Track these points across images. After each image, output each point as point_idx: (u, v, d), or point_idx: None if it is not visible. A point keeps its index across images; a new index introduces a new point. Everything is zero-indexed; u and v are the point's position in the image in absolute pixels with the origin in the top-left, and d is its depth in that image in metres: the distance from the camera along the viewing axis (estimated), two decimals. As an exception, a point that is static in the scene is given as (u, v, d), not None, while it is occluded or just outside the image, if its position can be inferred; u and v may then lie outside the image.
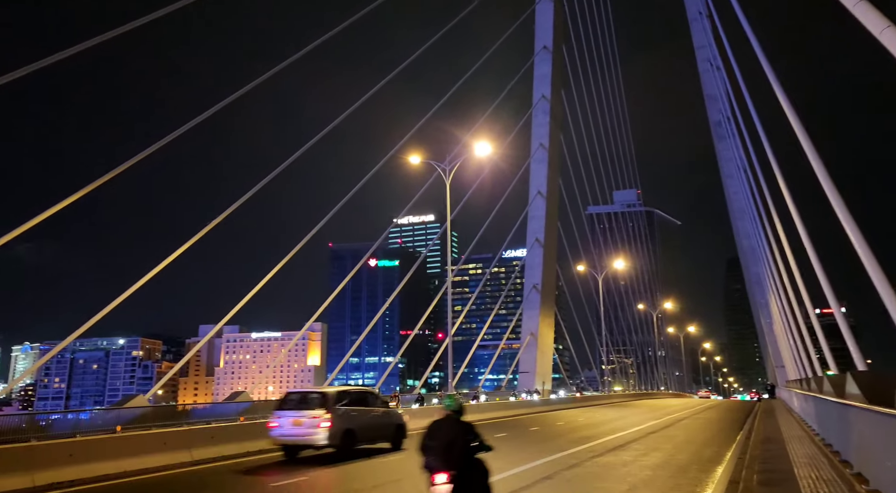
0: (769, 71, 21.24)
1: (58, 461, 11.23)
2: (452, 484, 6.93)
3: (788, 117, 18.62)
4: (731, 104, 53.62)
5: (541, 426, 25.91)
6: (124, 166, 21.91)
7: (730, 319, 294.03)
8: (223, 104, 25.12)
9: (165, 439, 13.89)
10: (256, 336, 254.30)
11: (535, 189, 61.17)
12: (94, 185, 21.66)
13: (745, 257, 68.95)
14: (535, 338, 58.71)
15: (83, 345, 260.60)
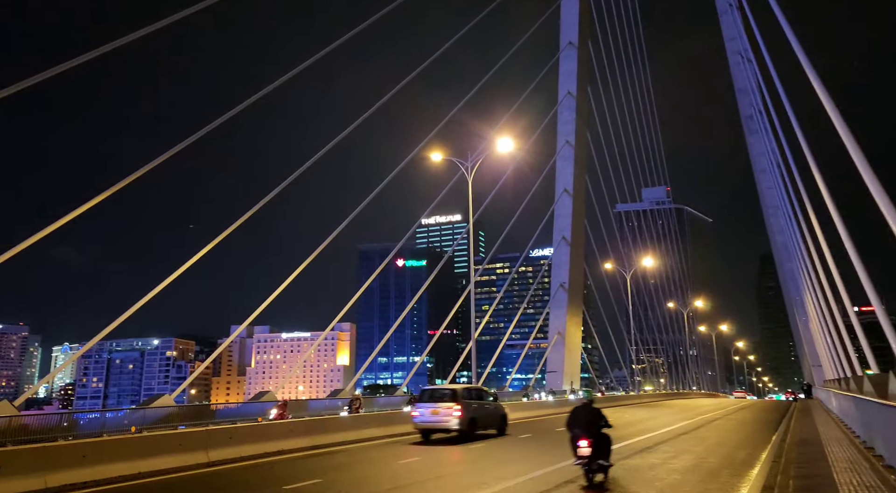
0: (805, 62, 20.24)
1: (71, 463, 11.18)
2: (591, 447, 11.59)
3: (827, 109, 17.75)
4: (764, 97, 52.23)
5: (533, 433, 25.27)
6: (157, 160, 21.98)
7: (763, 317, 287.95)
8: (252, 100, 25.11)
9: (181, 440, 13.75)
10: (286, 336, 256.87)
11: (562, 187, 60.48)
12: (125, 182, 21.85)
13: (778, 253, 67.27)
14: (562, 337, 58.02)
15: (119, 345, 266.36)
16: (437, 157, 26.57)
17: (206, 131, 24.12)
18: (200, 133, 23.96)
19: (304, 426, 17.73)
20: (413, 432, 20.47)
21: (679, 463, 14.22)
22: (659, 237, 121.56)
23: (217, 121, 24.98)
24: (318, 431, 17.60)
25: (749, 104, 64.82)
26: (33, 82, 18.37)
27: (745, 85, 64.31)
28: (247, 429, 16.12)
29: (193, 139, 23.64)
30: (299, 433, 16.85)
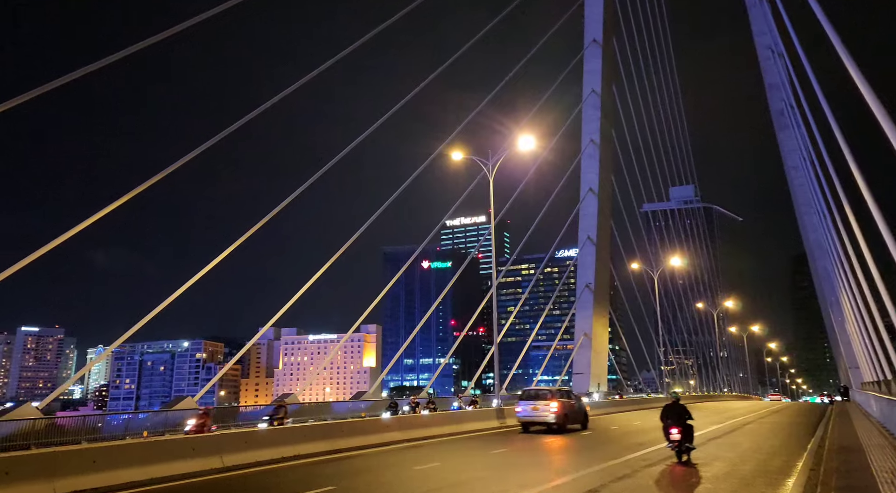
0: (843, 52, 19.30)
1: (81, 468, 10.92)
2: (681, 434, 14.93)
3: (868, 102, 16.81)
4: (796, 92, 50.79)
5: (594, 429, 24.68)
6: (185, 158, 21.93)
7: (797, 318, 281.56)
8: (278, 98, 24.94)
9: (195, 444, 13.46)
10: (313, 338, 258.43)
11: (587, 186, 59.71)
12: (148, 184, 21.86)
13: (812, 252, 65.48)
14: (588, 338, 57.20)
15: (150, 348, 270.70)
16: (458, 156, 26.13)
17: (233, 129, 24.00)
18: (225, 132, 23.82)
19: (322, 429, 17.38)
20: (434, 436, 20.34)
21: (710, 471, 13.55)
22: (687, 237, 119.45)
23: (242, 120, 24.93)
24: (336, 434, 17.23)
25: (780, 99, 63.25)
26: (62, 82, 18.39)
27: (776, 80, 62.78)
28: (263, 433, 15.82)
29: (220, 137, 23.49)
30: (317, 437, 16.48)
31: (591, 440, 20.87)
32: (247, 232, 26.80)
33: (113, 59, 19.43)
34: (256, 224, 27.17)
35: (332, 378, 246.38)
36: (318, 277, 30.54)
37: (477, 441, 19.80)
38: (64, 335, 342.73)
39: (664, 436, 15.54)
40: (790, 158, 64.29)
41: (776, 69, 62.68)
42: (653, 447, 17.92)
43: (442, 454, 16.68)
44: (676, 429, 15.27)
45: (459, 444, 19.23)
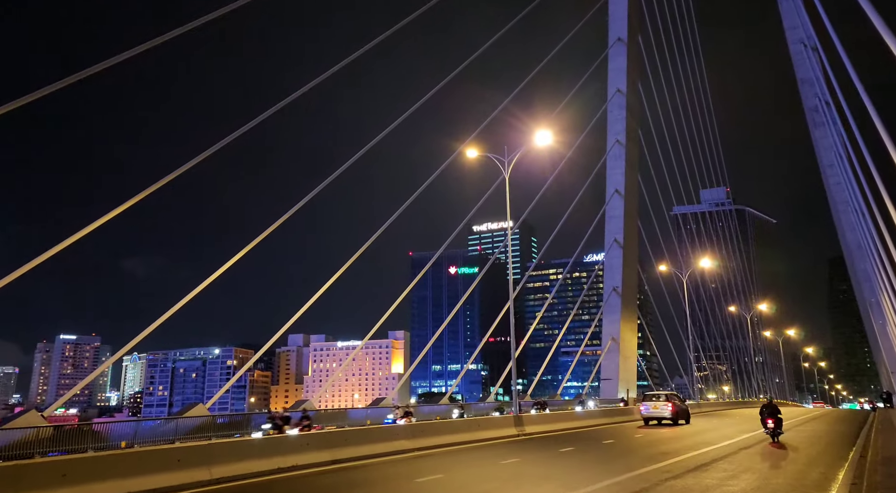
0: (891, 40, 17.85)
1: (49, 482, 10.21)
2: (774, 424, 21.56)
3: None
4: (832, 86, 48.79)
5: (617, 438, 23.38)
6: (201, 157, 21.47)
7: (835, 321, 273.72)
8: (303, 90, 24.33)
9: (180, 455, 12.67)
10: (342, 345, 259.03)
11: (613, 187, 58.36)
12: (164, 180, 21.47)
13: (850, 252, 62.97)
14: (616, 343, 55.71)
15: (182, 355, 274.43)
16: (473, 153, 25.19)
17: (245, 126, 23.46)
18: (238, 133, 23.31)
19: (323, 438, 16.50)
20: (446, 445, 19.54)
21: (738, 485, 12.31)
22: (719, 240, 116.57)
23: (252, 123, 24.41)
24: (339, 443, 16.31)
25: (814, 95, 61.05)
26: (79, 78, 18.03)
27: (809, 75, 60.65)
28: (256, 442, 14.97)
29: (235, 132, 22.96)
30: (318, 446, 15.58)
31: (610, 451, 19.67)
32: (257, 237, 26.36)
33: (135, 52, 19.07)
34: (268, 228, 26.73)
35: (361, 385, 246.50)
36: (334, 280, 30.02)
37: (490, 451, 18.75)
38: (100, 343, 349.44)
39: (762, 425, 22.32)
40: (825, 156, 61.98)
41: (809, 64, 60.57)
42: (676, 457, 16.67)
43: (448, 465, 15.69)
44: (771, 420, 21.79)
45: (470, 453, 18.22)
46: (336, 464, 15.40)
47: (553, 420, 26.67)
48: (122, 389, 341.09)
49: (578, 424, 29.43)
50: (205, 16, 21.65)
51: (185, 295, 21.22)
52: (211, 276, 25.20)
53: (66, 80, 18.64)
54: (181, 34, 20.43)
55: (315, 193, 27.88)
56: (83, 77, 19.00)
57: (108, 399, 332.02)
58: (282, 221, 26.80)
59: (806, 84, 62.06)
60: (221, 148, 22.84)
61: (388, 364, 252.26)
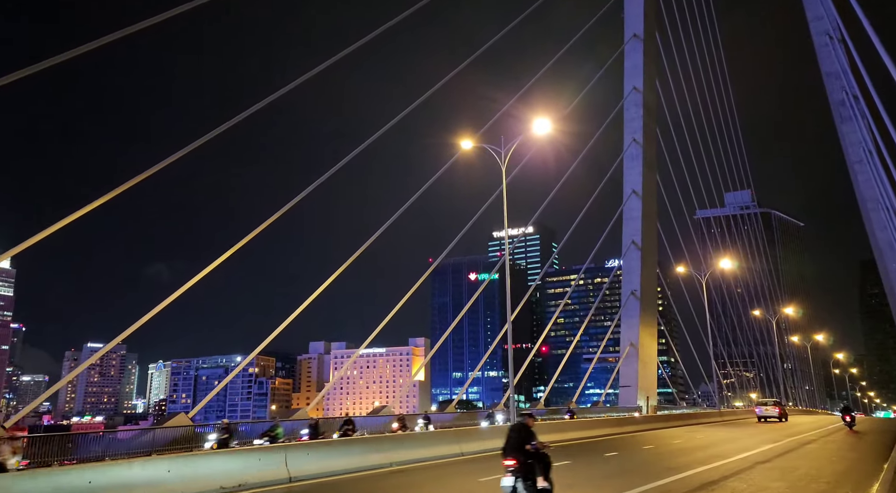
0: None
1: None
2: (851, 419, 38.04)
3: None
4: (862, 79, 46.57)
5: (623, 450, 21.54)
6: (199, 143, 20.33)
7: (867, 327, 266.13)
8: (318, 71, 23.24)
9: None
10: (362, 352, 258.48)
11: (630, 188, 56.64)
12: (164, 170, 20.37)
13: (881, 253, 60.05)
14: (635, 349, 53.76)
15: (205, 363, 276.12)
16: (468, 144, 23.76)
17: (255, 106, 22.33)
18: (233, 122, 22.18)
19: (270, 452, 14.74)
20: (433, 458, 18.12)
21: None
22: (745, 245, 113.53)
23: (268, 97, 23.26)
24: (302, 459, 14.68)
25: (840, 89, 58.48)
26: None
27: (835, 68, 58.12)
28: (207, 455, 13.49)
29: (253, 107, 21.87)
30: (272, 462, 13.97)
31: (612, 465, 17.91)
32: (246, 236, 25.28)
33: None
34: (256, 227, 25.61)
35: (382, 392, 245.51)
36: (329, 283, 28.80)
37: (473, 465, 17.00)
38: (126, 351, 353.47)
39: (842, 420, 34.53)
40: (853, 152, 59.32)
41: (835, 57, 58.08)
42: (679, 473, 14.90)
43: (419, 483, 14.14)
44: (849, 417, 35.22)
45: (450, 468, 16.61)
46: (296, 482, 13.87)
47: (551, 431, 24.82)
48: (147, 396, 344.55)
49: (581, 434, 27.28)
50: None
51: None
52: (198, 274, 24.18)
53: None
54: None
55: (309, 190, 26.73)
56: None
57: (134, 407, 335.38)
58: (280, 210, 25.70)
59: (831, 77, 59.55)
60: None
61: (409, 371, 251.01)
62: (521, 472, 9.74)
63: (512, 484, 9.60)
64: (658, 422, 37.90)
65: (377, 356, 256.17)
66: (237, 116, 23.48)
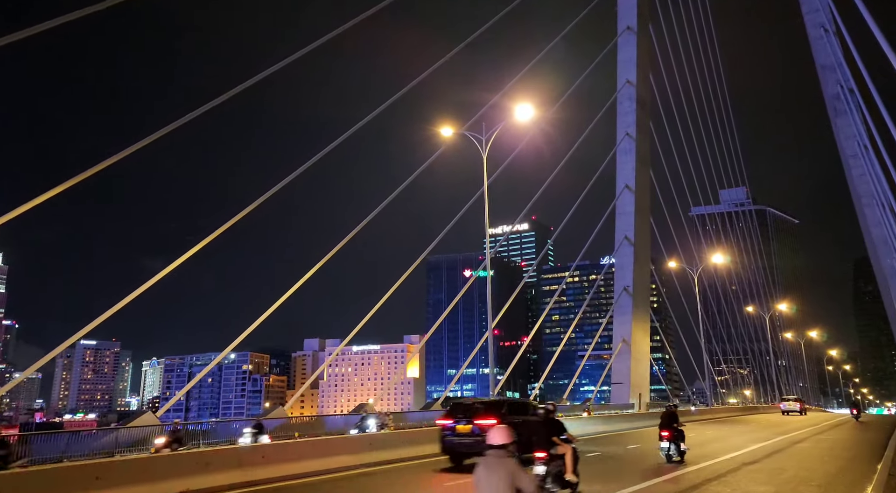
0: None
1: (255, 462, 10.78)
2: (858, 411, 53.01)
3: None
4: (859, 71, 45.87)
5: (608, 446, 20.78)
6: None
7: (861, 324, 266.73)
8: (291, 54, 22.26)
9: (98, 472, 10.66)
10: (357, 349, 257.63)
11: (623, 183, 55.94)
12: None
13: (875, 249, 59.45)
14: (627, 345, 53.12)
15: (199, 359, 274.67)
16: (448, 131, 22.93)
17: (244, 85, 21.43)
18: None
19: (218, 456, 13.67)
20: (393, 461, 17.49)
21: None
22: (740, 241, 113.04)
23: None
24: (252, 462, 13.60)
25: (835, 82, 57.75)
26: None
27: (830, 61, 57.37)
28: (122, 463, 12.26)
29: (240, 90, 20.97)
30: (224, 466, 12.70)
31: (589, 468, 17.11)
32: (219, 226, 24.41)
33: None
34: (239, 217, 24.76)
35: (376, 389, 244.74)
36: (306, 279, 27.95)
37: (436, 468, 16.17)
38: (120, 349, 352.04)
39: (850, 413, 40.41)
40: (848, 147, 58.66)
41: (829, 50, 57.39)
42: (657, 477, 14.09)
43: (372, 488, 13.31)
44: (855, 410, 45.70)
45: (411, 473, 15.78)
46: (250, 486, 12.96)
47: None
48: (141, 394, 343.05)
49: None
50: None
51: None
52: (165, 269, 23.29)
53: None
54: None
55: (288, 179, 25.87)
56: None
57: (128, 404, 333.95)
58: (267, 198, 24.81)
59: (826, 70, 58.82)
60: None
61: (404, 369, 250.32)
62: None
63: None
64: (649, 420, 37.17)
65: (372, 354, 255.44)
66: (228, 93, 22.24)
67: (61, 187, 18.77)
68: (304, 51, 24.63)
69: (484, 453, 5.75)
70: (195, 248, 23.48)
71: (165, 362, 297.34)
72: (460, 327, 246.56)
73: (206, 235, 23.12)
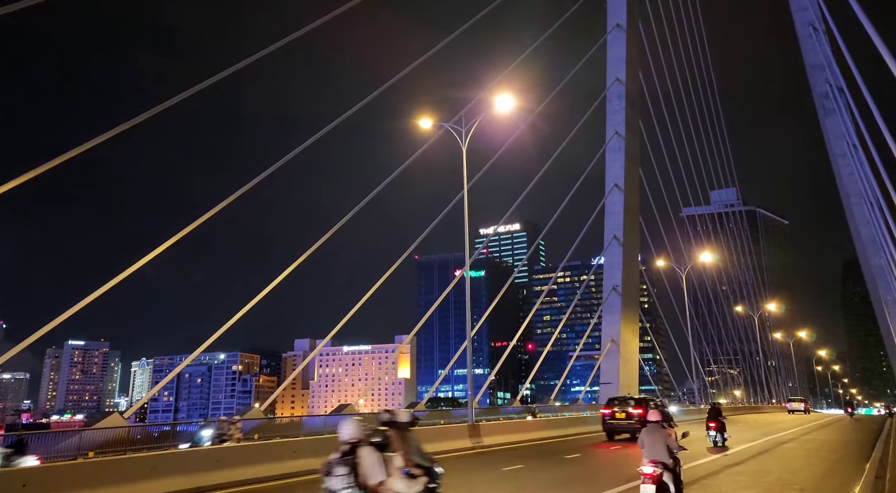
0: None
1: (206, 466, 10.57)
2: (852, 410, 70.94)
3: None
4: (848, 69, 45.61)
5: (585, 453, 20.15)
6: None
7: (850, 324, 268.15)
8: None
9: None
10: (348, 350, 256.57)
11: (612, 181, 55.41)
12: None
13: (863, 248, 59.37)
14: (616, 345, 52.60)
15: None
16: (427, 123, 22.27)
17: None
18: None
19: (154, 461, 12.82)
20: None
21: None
22: (730, 242, 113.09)
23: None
24: (201, 466, 13.00)
25: (824, 81, 57.61)
26: None
27: (819, 59, 57.23)
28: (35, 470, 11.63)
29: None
30: (169, 471, 12.27)
31: (570, 469, 16.54)
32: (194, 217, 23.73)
33: None
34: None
35: (367, 390, 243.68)
36: (286, 274, 27.30)
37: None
38: (109, 349, 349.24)
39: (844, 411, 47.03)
40: (837, 146, 58.54)
41: (818, 49, 57.23)
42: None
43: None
44: (850, 408, 58.30)
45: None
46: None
47: (515, 430, 23.24)
48: (130, 394, 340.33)
49: (548, 434, 25.70)
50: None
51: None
52: (134, 265, 22.61)
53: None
54: None
55: (269, 172, 25.17)
56: None
57: (116, 405, 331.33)
58: (249, 188, 24.05)
59: (815, 69, 58.67)
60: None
61: (395, 369, 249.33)
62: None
63: None
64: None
65: (363, 354, 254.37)
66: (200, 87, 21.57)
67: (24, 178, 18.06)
68: (278, 44, 23.98)
69: (635, 428, 9.04)
70: (168, 242, 22.82)
71: (154, 362, 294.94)
72: (451, 328, 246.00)
73: (195, 230, 22.51)
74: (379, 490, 5.67)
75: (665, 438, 9.93)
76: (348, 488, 5.59)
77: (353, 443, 5.71)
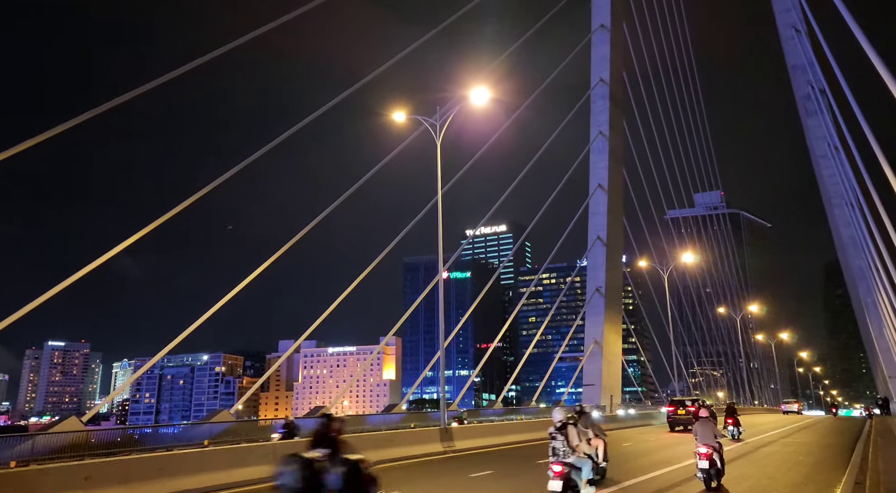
0: None
1: (149, 475, 11.02)
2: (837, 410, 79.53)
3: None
4: (831, 72, 45.60)
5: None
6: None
7: (830, 327, 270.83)
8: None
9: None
10: (333, 351, 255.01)
11: (596, 182, 55.25)
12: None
13: (844, 250, 59.61)
14: (599, 346, 52.35)
15: (170, 361, 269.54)
16: (401, 116, 21.70)
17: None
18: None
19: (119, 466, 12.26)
20: None
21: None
22: (714, 245, 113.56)
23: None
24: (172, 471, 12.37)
25: (806, 83, 57.80)
26: None
27: (801, 61, 57.39)
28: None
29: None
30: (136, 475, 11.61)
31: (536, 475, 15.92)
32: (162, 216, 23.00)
33: None
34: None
35: (352, 391, 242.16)
36: (253, 277, 26.63)
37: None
38: (90, 350, 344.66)
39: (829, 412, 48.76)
40: (818, 148, 58.78)
41: (801, 50, 57.37)
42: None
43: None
44: (834, 409, 67.06)
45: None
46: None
47: (490, 433, 22.57)
48: (110, 395, 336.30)
49: (525, 437, 24.74)
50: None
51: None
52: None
53: None
54: None
55: (249, 162, 24.42)
56: None
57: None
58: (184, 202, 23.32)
59: (797, 71, 58.84)
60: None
61: (380, 371, 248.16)
62: None
63: None
64: (613, 423, 36.29)
65: (348, 355, 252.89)
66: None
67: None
68: (256, 32, 23.31)
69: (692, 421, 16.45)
70: (134, 236, 22.11)
71: (136, 363, 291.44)
72: (437, 329, 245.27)
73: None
74: (577, 449, 9.88)
75: (713, 428, 13.15)
76: (565, 448, 9.82)
77: (564, 421, 10.04)
